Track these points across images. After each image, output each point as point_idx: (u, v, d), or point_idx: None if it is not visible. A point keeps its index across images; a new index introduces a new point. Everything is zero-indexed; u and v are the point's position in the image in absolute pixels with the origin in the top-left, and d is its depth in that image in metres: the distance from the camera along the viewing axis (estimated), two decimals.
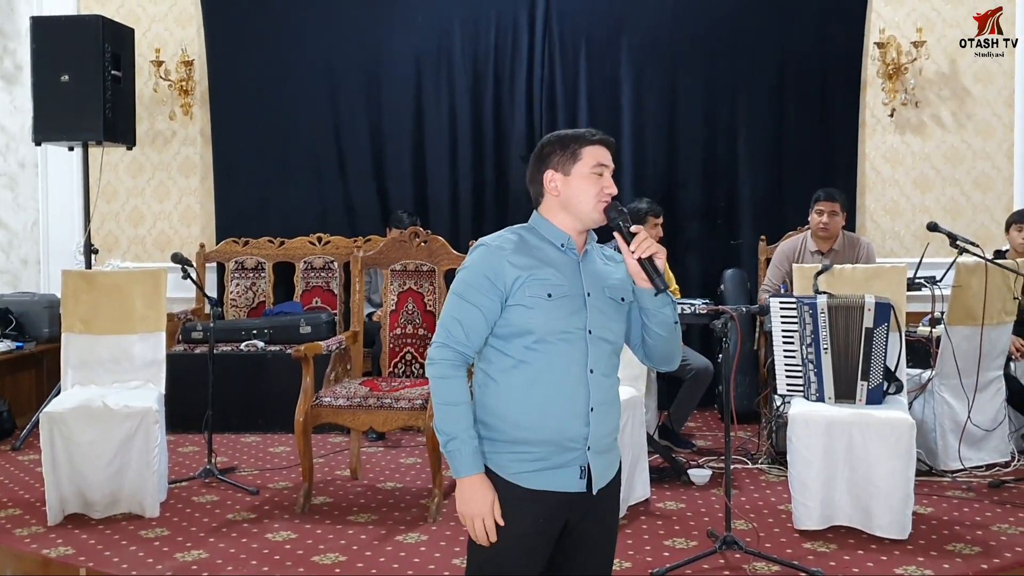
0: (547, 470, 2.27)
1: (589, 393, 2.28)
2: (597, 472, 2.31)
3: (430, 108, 6.94)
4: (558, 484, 2.28)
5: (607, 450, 2.35)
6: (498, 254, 2.30)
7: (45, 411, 4.50)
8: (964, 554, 3.96)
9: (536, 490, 2.27)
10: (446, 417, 2.27)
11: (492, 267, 2.29)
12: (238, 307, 6.79)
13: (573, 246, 2.36)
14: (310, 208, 7.05)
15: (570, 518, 2.32)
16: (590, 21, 6.80)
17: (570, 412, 2.27)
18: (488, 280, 2.28)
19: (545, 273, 2.29)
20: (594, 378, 2.29)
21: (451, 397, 2.28)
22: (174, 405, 5.02)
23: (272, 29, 7.03)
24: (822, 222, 5.62)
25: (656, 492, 4.75)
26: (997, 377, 5.18)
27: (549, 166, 2.38)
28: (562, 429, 2.27)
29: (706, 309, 4.96)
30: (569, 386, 2.27)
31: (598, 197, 2.34)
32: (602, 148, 2.37)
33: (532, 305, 2.26)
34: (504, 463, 2.29)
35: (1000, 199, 6.62)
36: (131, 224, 7.27)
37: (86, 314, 4.83)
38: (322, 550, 4.09)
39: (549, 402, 2.26)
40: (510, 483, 2.28)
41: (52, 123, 5.95)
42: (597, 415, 2.29)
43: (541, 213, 2.40)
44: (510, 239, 2.35)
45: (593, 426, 2.28)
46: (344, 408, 4.60)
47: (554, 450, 2.27)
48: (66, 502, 4.46)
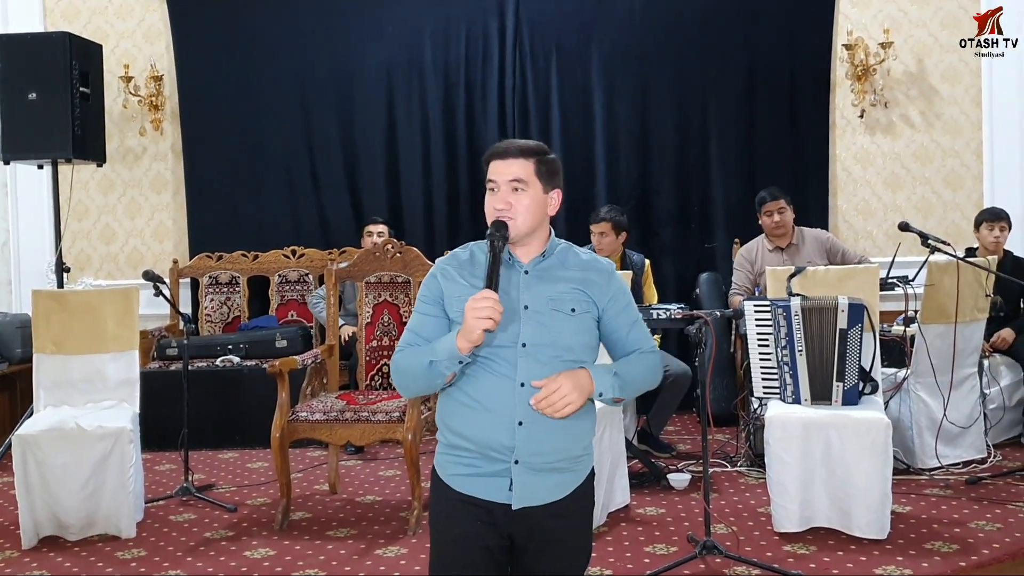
0: (477, 476, 2.30)
1: (515, 407, 2.26)
2: (524, 489, 2.27)
3: (402, 118, 6.93)
4: (486, 493, 2.29)
5: (547, 470, 2.29)
6: (436, 273, 2.40)
7: (17, 434, 4.45)
8: (943, 552, 3.97)
9: (466, 494, 2.30)
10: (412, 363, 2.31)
11: (429, 285, 2.40)
12: (213, 322, 6.75)
13: (517, 258, 2.36)
14: (284, 221, 7.02)
15: (514, 533, 2.31)
16: (560, 29, 6.82)
17: (495, 423, 2.27)
18: (429, 296, 2.39)
19: (479, 287, 2.26)
20: (524, 391, 2.25)
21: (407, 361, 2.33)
22: (150, 423, 4.97)
23: (241, 42, 7.00)
24: (774, 222, 5.76)
25: (636, 497, 4.75)
26: (972, 374, 5.22)
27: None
28: (486, 439, 2.28)
29: (681, 314, 4.96)
30: (497, 398, 2.27)
31: (490, 214, 2.35)
32: (495, 162, 2.36)
33: (459, 320, 2.27)
34: (444, 463, 2.37)
35: (970, 197, 6.68)
36: (103, 242, 7.21)
37: (58, 335, 4.78)
38: (301, 566, 4.06)
39: (474, 413, 2.29)
40: (446, 484, 2.34)
41: (20, 141, 5.90)
42: (526, 430, 2.26)
43: None
44: (459, 257, 2.42)
45: (522, 441, 2.26)
46: (321, 423, 4.58)
47: (481, 458, 2.29)
48: (40, 525, 4.41)
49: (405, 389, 2.40)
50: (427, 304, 2.38)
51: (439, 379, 2.28)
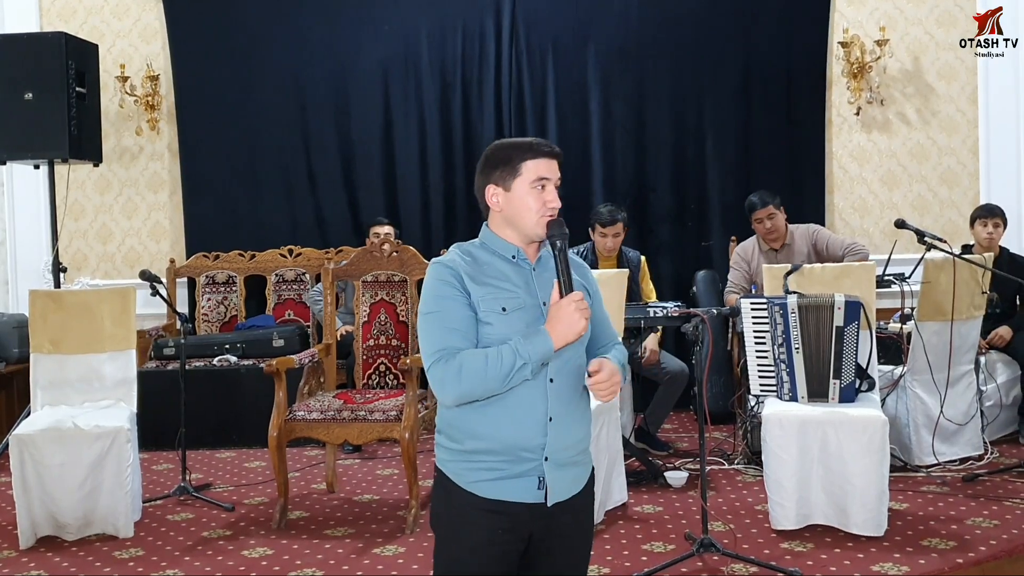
0: (504, 479, 2.24)
1: (548, 403, 2.25)
2: (555, 485, 2.26)
3: (399, 117, 6.92)
4: (515, 494, 2.24)
5: (570, 464, 2.30)
6: (453, 267, 2.28)
7: (14, 434, 4.45)
8: (940, 549, 3.98)
9: (493, 499, 2.24)
10: (492, 365, 2.17)
11: (452, 275, 2.26)
12: (210, 322, 6.74)
13: (524, 257, 2.33)
14: (280, 220, 7.02)
15: (534, 532, 2.28)
16: (556, 27, 6.81)
17: (526, 422, 2.23)
18: (451, 285, 2.25)
19: (499, 287, 2.27)
20: (553, 388, 2.26)
21: (479, 362, 2.18)
22: (147, 422, 4.98)
23: (238, 42, 6.99)
24: (765, 228, 5.74)
25: (633, 496, 4.76)
26: (968, 371, 5.23)
27: (490, 180, 2.33)
28: (517, 439, 2.23)
29: (678, 312, 4.97)
30: (527, 396, 2.23)
31: (540, 212, 2.28)
32: (544, 160, 2.30)
33: (489, 320, 2.24)
34: (461, 471, 2.28)
35: (966, 194, 6.69)
36: (100, 241, 7.20)
37: (55, 334, 4.77)
38: (299, 565, 4.06)
39: (504, 412, 2.23)
40: (467, 492, 2.26)
41: (17, 141, 5.89)
42: (556, 426, 2.25)
43: (490, 227, 2.37)
44: (460, 258, 2.31)
45: (551, 437, 2.25)
46: (318, 422, 4.58)
47: (510, 460, 2.24)
48: (38, 525, 4.41)
49: (472, 390, 2.20)
50: (455, 299, 2.24)
51: (519, 381, 2.19)
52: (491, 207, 2.34)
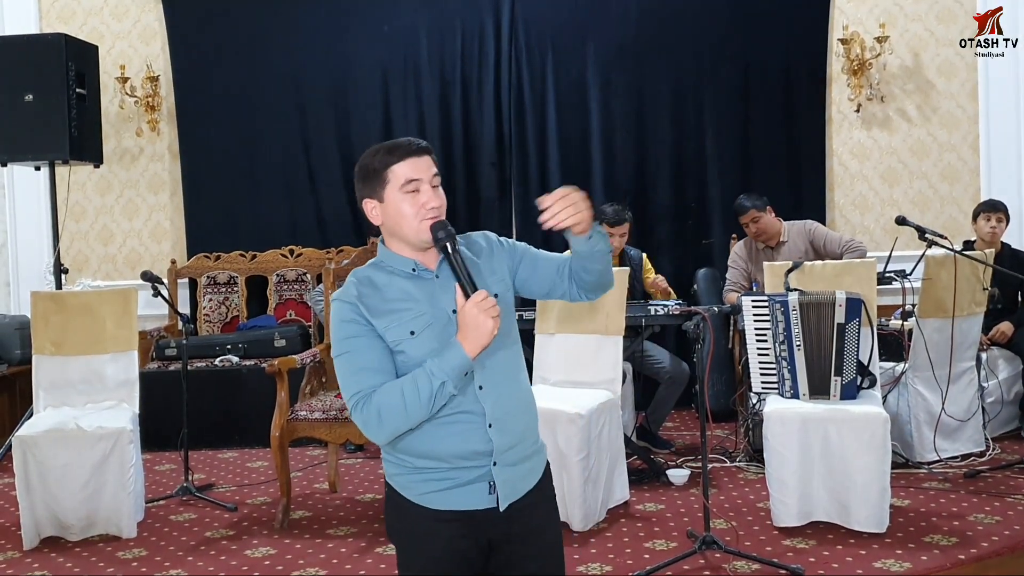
0: (453, 488, 2.16)
1: (484, 411, 2.15)
2: (505, 487, 2.17)
3: (398, 117, 6.93)
4: (466, 503, 2.16)
5: (521, 460, 2.21)
6: (351, 302, 2.15)
7: (17, 435, 4.46)
8: (942, 545, 3.98)
9: (444, 510, 2.16)
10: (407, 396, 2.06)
11: (352, 311, 2.14)
12: (211, 322, 6.75)
13: (424, 267, 2.20)
14: (281, 220, 7.02)
15: (492, 537, 2.20)
16: (556, 27, 6.81)
17: (467, 434, 2.14)
18: (354, 323, 2.14)
19: (402, 311, 2.14)
20: (485, 394, 2.15)
21: (396, 397, 2.07)
22: (149, 423, 4.99)
23: (237, 43, 7.00)
24: (752, 231, 5.77)
25: (635, 494, 4.76)
26: (970, 368, 5.23)
27: (364, 195, 2.20)
28: (462, 451, 2.14)
29: (679, 310, 4.97)
30: (461, 409, 2.14)
31: (419, 216, 2.13)
32: (410, 160, 2.15)
33: (401, 348, 2.13)
34: (410, 483, 2.19)
35: (967, 190, 6.69)
36: (101, 243, 7.21)
37: (56, 336, 4.79)
38: (302, 565, 4.06)
39: (442, 429, 2.14)
40: (418, 505, 2.18)
41: (17, 143, 5.90)
42: (497, 430, 2.16)
43: (385, 243, 2.24)
44: (356, 289, 2.17)
45: (496, 442, 2.15)
46: (320, 421, 4.58)
47: (457, 469, 2.15)
48: (41, 526, 4.42)
49: (397, 428, 2.10)
50: (361, 337, 2.12)
51: (443, 401, 2.08)
52: (374, 222, 2.21)
